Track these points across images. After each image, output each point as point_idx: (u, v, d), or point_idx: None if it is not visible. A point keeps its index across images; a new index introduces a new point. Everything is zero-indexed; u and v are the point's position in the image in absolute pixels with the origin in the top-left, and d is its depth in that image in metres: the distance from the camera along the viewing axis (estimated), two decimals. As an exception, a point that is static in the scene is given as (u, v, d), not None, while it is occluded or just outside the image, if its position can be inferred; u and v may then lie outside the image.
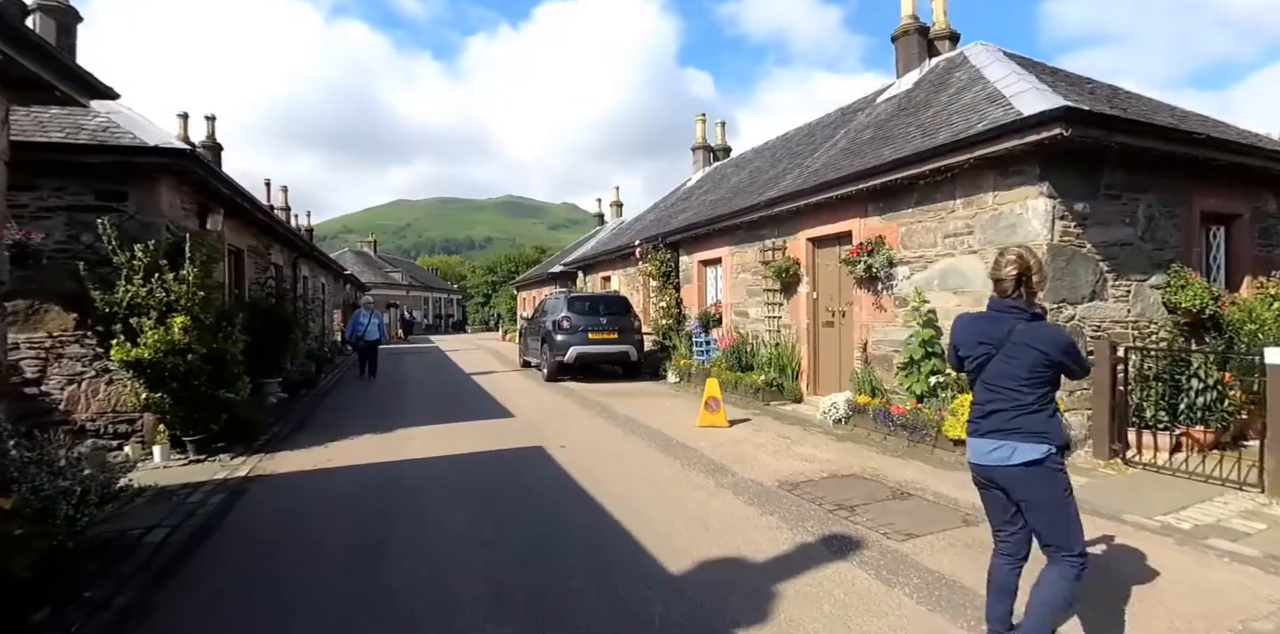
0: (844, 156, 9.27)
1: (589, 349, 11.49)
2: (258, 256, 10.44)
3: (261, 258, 10.78)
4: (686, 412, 8.69)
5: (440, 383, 12.10)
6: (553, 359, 11.57)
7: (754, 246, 10.72)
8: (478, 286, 60.78)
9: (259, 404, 7.76)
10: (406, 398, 10.19)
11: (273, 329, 9.83)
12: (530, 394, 10.49)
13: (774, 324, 10.20)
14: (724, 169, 16.02)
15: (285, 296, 11.03)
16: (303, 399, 10.22)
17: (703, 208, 13.21)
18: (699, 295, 12.63)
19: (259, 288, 10.12)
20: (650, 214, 17.75)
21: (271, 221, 10.40)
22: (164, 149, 6.00)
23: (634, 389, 11.01)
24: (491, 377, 13.18)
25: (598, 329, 11.61)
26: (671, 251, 13.25)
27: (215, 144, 16.92)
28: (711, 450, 6.40)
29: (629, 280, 15.94)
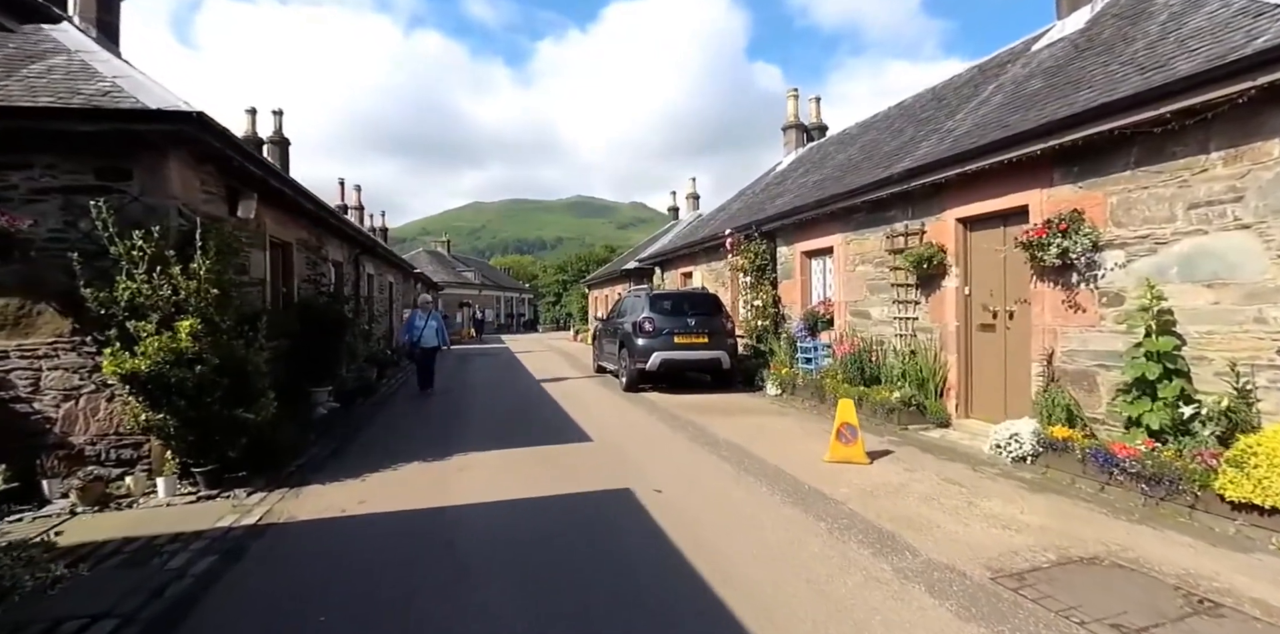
0: (1007, 112, 7.24)
1: (675, 355, 9.89)
2: (310, 252, 9.46)
3: (314, 253, 9.81)
4: (804, 437, 6.94)
5: (508, 392, 10.81)
6: (632, 366, 10.05)
7: (877, 232, 8.80)
8: (549, 286, 60.65)
9: (294, 422, 6.61)
10: (469, 411, 8.91)
11: (325, 331, 8.79)
12: (608, 408, 8.99)
13: (906, 327, 8.25)
14: (824, 147, 14.03)
15: (342, 295, 10.04)
16: (356, 410, 9.15)
17: (804, 190, 11.34)
18: (802, 292, 10.77)
19: (310, 286, 9.13)
20: (736, 202, 15.96)
21: (324, 213, 9.38)
22: (167, 113, 4.83)
23: (729, 403, 9.32)
24: (564, 384, 11.81)
25: (685, 332, 9.99)
26: (768, 242, 11.45)
27: (283, 139, 16.48)
28: (862, 504, 4.64)
29: (714, 276, 14.23)
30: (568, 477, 5.38)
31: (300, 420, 7.18)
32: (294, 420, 6.66)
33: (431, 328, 10.57)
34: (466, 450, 6.40)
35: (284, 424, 6.12)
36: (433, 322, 10.61)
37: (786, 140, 16.26)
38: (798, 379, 9.62)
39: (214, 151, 5.54)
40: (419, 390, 10.75)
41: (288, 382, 8.50)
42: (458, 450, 6.41)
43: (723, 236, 12.30)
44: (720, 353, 10.08)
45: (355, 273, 13.06)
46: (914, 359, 7.94)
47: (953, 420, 7.47)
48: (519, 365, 15.83)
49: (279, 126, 16.39)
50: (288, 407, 7.30)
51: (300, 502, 4.82)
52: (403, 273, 21.09)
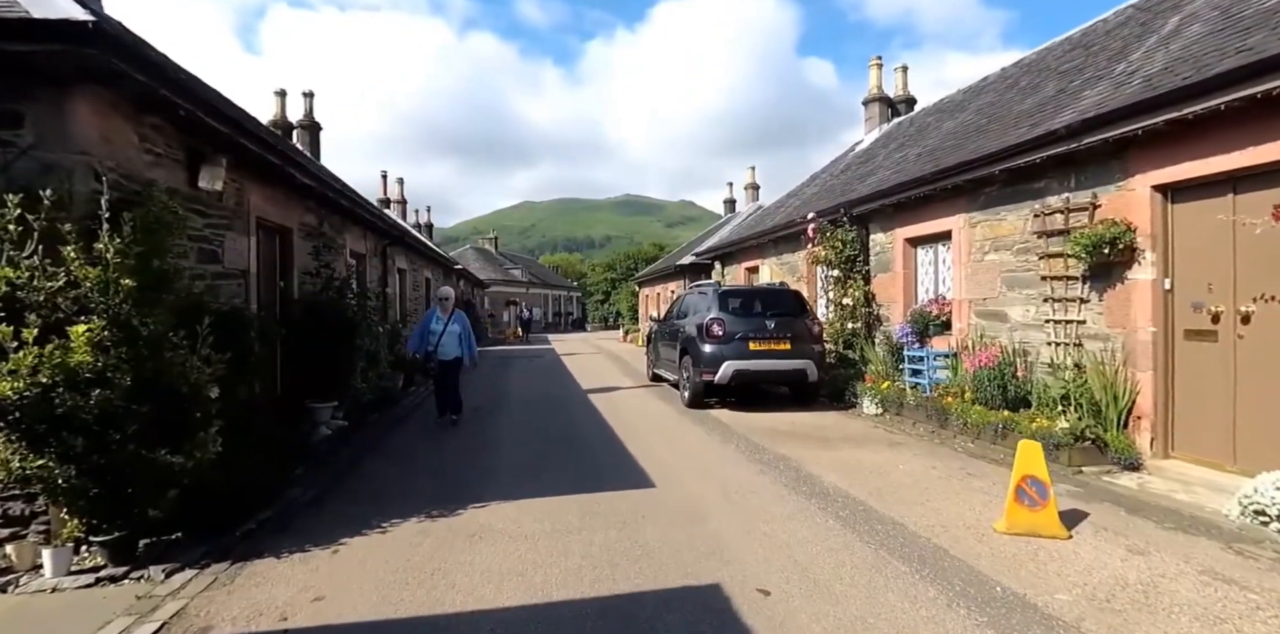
0: (1227, 38, 5.17)
1: (750, 365, 8.06)
2: (318, 240, 8.06)
3: (324, 242, 8.42)
4: (943, 484, 5.05)
5: (548, 408, 9.14)
6: (697, 378, 8.27)
7: (1018, 210, 6.78)
8: (597, 284, 59.45)
9: (274, 452, 5.12)
10: (498, 436, 7.32)
11: (330, 335, 7.36)
12: (670, 432, 7.24)
13: (1066, 332, 6.22)
14: (920, 119, 11.91)
15: (353, 291, 8.55)
16: (368, 428, 7.69)
17: (905, 165, 9.33)
18: (905, 288, 8.78)
19: (317, 280, 7.73)
20: (810, 187, 13.97)
21: (334, 193, 7.97)
22: (53, 24, 3.35)
23: (821, 427, 7.44)
24: (614, 397, 10.14)
25: (762, 336, 8.15)
26: (858, 228, 9.49)
27: (313, 123, 15.41)
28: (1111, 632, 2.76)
29: (787, 271, 12.31)
30: (625, 556, 3.67)
31: (288, 448, 5.72)
32: (274, 451, 5.18)
33: (453, 334, 7.65)
34: (487, 499, 4.77)
35: (253, 460, 4.63)
36: (455, 325, 7.68)
37: (868, 115, 14.16)
38: (905, 396, 7.66)
39: (149, 94, 4.07)
40: (440, 419, 7.95)
41: (283, 397, 7.13)
42: (475, 498, 4.79)
43: (801, 223, 10.39)
44: (805, 362, 8.20)
45: (383, 267, 11.73)
46: (1080, 376, 5.92)
47: (1145, 461, 5.43)
48: (564, 371, 14.27)
49: (309, 109, 15.33)
50: (279, 429, 5.89)
51: (232, 594, 3.26)
52: (442, 269, 19.89)
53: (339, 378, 7.68)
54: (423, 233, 29.92)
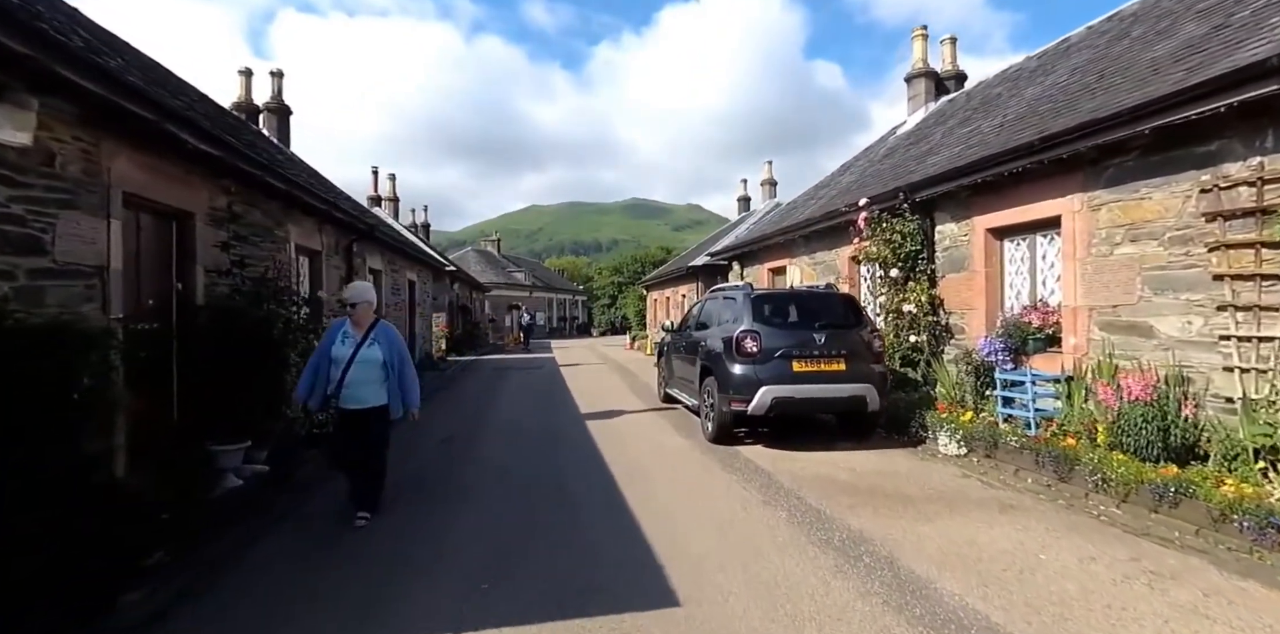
0: None
1: (795, 391, 6.20)
2: (230, 227, 6.30)
3: (254, 232, 6.65)
4: (1121, 588, 3.20)
5: (535, 442, 7.10)
6: (724, 407, 6.42)
7: (1172, 184, 4.93)
8: (603, 288, 57.75)
9: (81, 548, 3.32)
10: (464, 486, 5.49)
11: (247, 353, 5.60)
12: (693, 488, 5.33)
13: (1262, 354, 4.36)
14: (984, 91, 10.06)
15: (275, 293, 6.55)
16: (298, 473, 5.89)
17: (981, 139, 7.49)
18: (987, 292, 6.93)
19: (229, 278, 5.92)
20: (845, 176, 12.13)
21: (261, 170, 6.21)
22: None
23: (891, 476, 5.58)
24: (619, 425, 8.28)
25: (809, 354, 6.29)
26: (921, 218, 7.65)
27: (282, 105, 13.71)
28: None
29: (822, 271, 10.46)
30: None
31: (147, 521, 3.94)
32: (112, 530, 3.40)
33: (369, 365, 4.42)
34: (416, 630, 2.95)
35: (61, 552, 2.85)
36: (374, 349, 4.44)
37: (912, 93, 12.31)
38: (1000, 434, 5.79)
39: None
40: (351, 506, 4.59)
41: (179, 438, 5.36)
42: (401, 627, 2.98)
43: (847, 212, 8.55)
44: (865, 387, 6.33)
45: (347, 267, 9.98)
46: (1296, 420, 4.05)
47: None
48: (562, 387, 12.42)
49: (278, 91, 13.64)
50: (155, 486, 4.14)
51: None
52: (431, 271, 18.13)
53: (259, 408, 5.90)
54: (419, 233, 28.27)
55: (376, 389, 4.47)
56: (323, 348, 4.54)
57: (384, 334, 4.54)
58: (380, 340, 4.49)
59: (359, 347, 4.43)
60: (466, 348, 23.73)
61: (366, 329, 4.51)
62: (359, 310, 4.54)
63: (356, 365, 4.39)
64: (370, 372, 4.44)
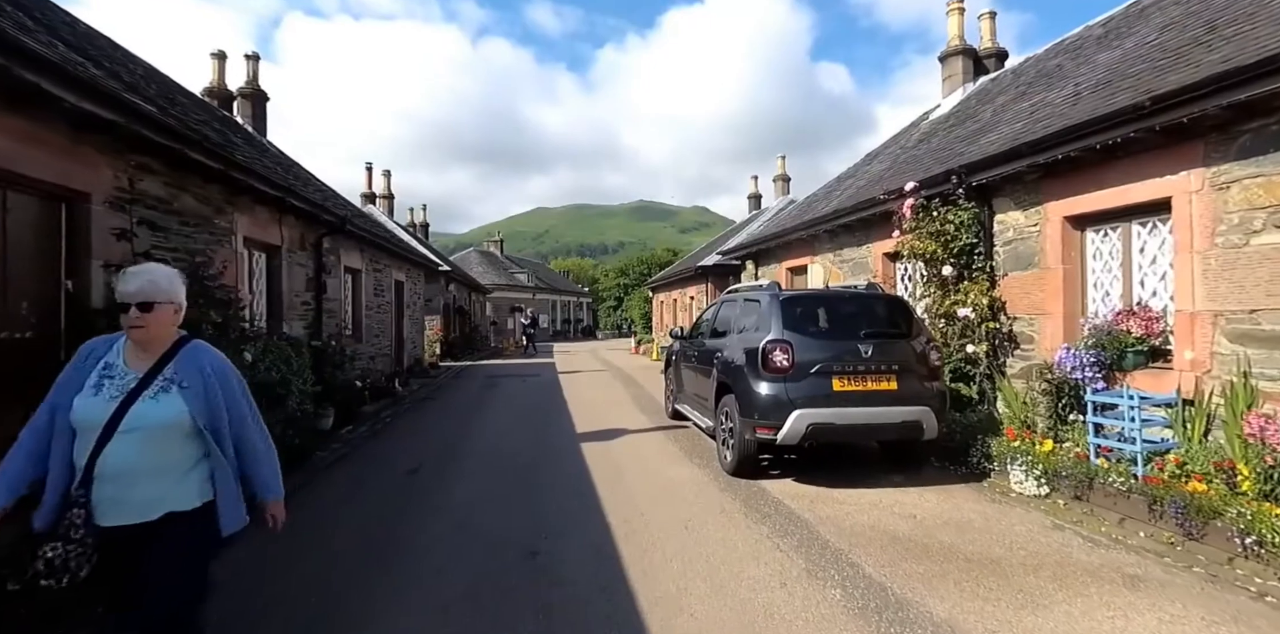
0: None
1: (837, 415, 5.00)
2: (164, 215, 5.17)
3: (184, 220, 5.52)
4: None
5: (517, 478, 5.73)
6: (747, 433, 5.22)
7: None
8: (609, 290, 56.82)
9: None
10: (412, 545, 4.35)
11: None
12: (712, 547, 4.08)
13: None
14: (1039, 64, 8.86)
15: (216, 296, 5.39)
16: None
17: (1052, 110, 6.30)
18: (1065, 293, 5.73)
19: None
20: (875, 165, 10.95)
21: (181, 142, 5.10)
22: None
23: (963, 527, 4.38)
24: (619, 448, 7.11)
25: (854, 369, 5.10)
26: (978, 205, 6.47)
27: (257, 90, 12.64)
28: None
29: (851, 270, 9.28)
30: None
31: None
32: None
33: (161, 431, 2.04)
34: None
35: None
36: (167, 400, 2.06)
37: (948, 72, 11.12)
38: (1097, 472, 4.60)
39: None
40: None
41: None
42: None
43: (887, 200, 7.37)
44: (921, 411, 5.14)
45: (316, 265, 8.86)
46: None
47: None
48: (558, 400, 11.25)
49: (253, 75, 12.58)
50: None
51: None
52: (423, 270, 17.03)
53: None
54: (417, 233, 27.26)
55: (176, 481, 2.07)
56: (55, 396, 2.08)
57: (193, 365, 2.14)
58: (186, 381, 2.10)
59: (133, 395, 2.03)
60: (463, 353, 22.65)
61: (159, 358, 2.11)
62: (148, 318, 2.08)
63: (124, 437, 1.99)
64: (158, 446, 2.04)
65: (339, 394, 8.54)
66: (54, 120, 4.17)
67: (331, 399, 8.29)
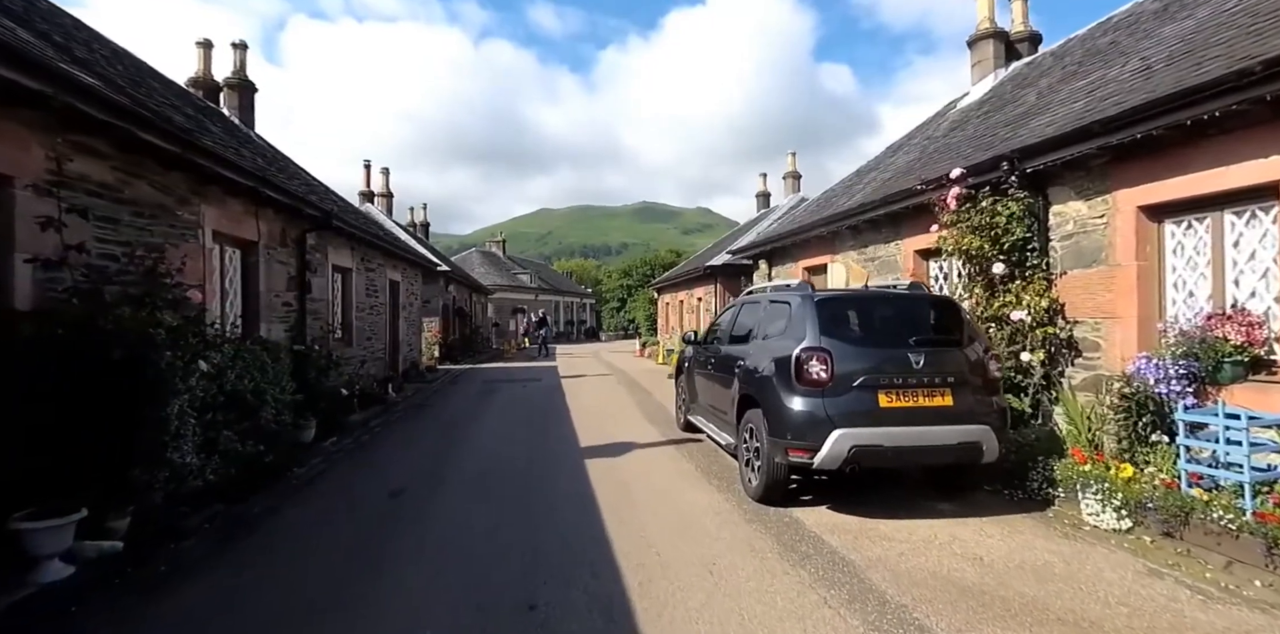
0: None
1: (885, 436, 4.29)
2: (109, 204, 4.51)
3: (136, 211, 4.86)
4: None
5: (513, 503, 4.94)
6: (778, 456, 4.51)
7: None
8: (612, 291, 56.16)
9: None
10: (393, 596, 3.67)
11: (95, 380, 3.86)
12: (743, 602, 3.37)
13: None
14: (1087, 43, 8.15)
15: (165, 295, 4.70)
16: (166, 550, 4.07)
17: (1108, 90, 5.60)
18: (1139, 294, 5.02)
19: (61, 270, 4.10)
20: (900, 156, 10.25)
21: (129, 120, 4.44)
22: None
23: (1044, 575, 3.68)
24: (628, 467, 6.41)
25: (903, 383, 4.39)
26: (1032, 194, 5.76)
27: (244, 81, 12.01)
28: None
29: (878, 269, 8.58)
30: None
31: None
32: None
33: None
34: None
35: None
36: None
37: (977, 58, 10.41)
38: (1193, 505, 3.89)
39: None
40: None
41: None
42: None
43: (924, 190, 6.67)
44: (981, 431, 4.43)
45: (299, 263, 8.19)
46: None
47: None
48: (560, 407, 10.54)
49: (240, 65, 11.95)
50: None
51: None
52: (420, 270, 16.36)
53: (118, 454, 4.11)
54: (417, 233, 26.63)
55: None
56: None
57: None
58: None
59: None
60: (463, 355, 21.99)
61: None
62: None
63: None
64: None
65: (323, 402, 7.87)
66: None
67: (314, 408, 7.62)
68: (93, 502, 3.83)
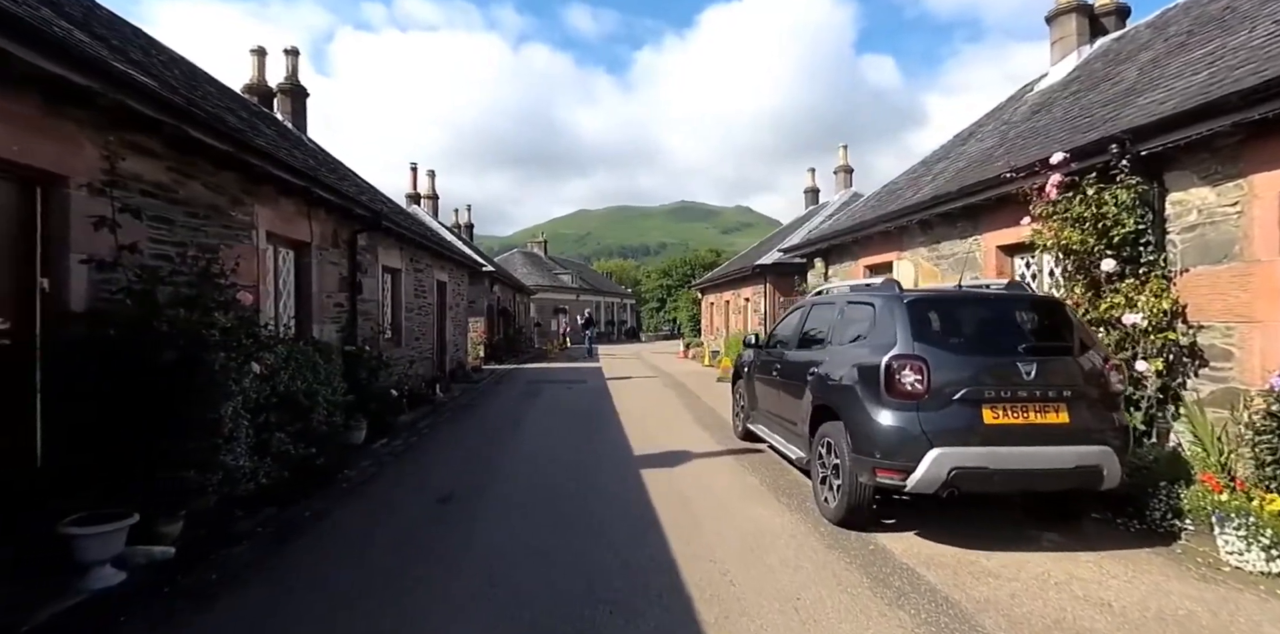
0: None
1: (991, 457, 3.79)
2: (163, 204, 4.40)
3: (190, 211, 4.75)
4: None
5: (565, 515, 4.65)
6: (864, 477, 4.06)
7: None
8: (651, 291, 55.89)
9: None
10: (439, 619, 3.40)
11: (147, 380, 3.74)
12: None
13: None
14: (1194, 9, 7.38)
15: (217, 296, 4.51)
16: (218, 555, 3.90)
17: (1239, 58, 4.94)
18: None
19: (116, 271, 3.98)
20: (974, 144, 9.59)
21: (181, 118, 4.30)
22: None
23: (1196, 631, 3.16)
24: (685, 479, 6.03)
25: (1013, 394, 3.89)
26: (1146, 182, 5.14)
27: (296, 85, 12.10)
28: None
29: (951, 267, 7.99)
30: None
31: None
32: None
33: None
34: None
35: None
36: None
37: (1058, 35, 9.65)
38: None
39: None
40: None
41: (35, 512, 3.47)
42: None
43: (1014, 178, 6.08)
44: (1101, 453, 3.88)
45: (350, 263, 8.10)
46: None
47: None
48: (608, 414, 10.17)
49: (292, 70, 12.05)
50: None
51: None
52: (466, 270, 16.33)
53: (172, 456, 3.96)
54: (461, 234, 26.83)
55: None
56: None
57: None
58: None
59: None
60: (507, 355, 21.99)
61: None
62: None
63: None
64: None
65: (373, 403, 7.76)
66: (20, 88, 3.40)
67: (365, 409, 7.51)
68: (138, 503, 3.69)
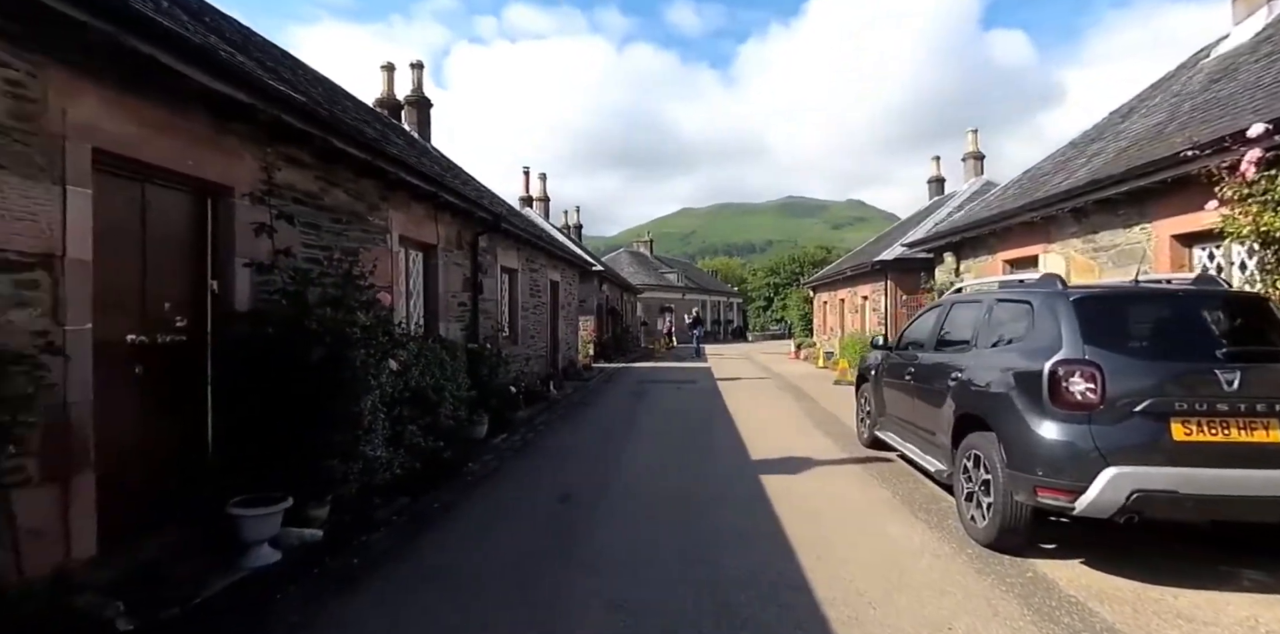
0: None
1: (1181, 480, 3.26)
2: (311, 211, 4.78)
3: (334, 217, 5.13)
4: None
5: (686, 527, 4.39)
6: (1023, 495, 3.60)
7: None
8: (758, 289, 54.78)
9: None
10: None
11: (298, 376, 4.06)
12: None
13: None
14: None
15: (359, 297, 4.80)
16: (361, 540, 4.16)
17: None
18: None
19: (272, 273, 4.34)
20: (1136, 120, 8.45)
21: (327, 131, 4.64)
22: None
23: None
24: (809, 489, 5.70)
25: (1210, 406, 3.32)
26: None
27: (421, 97, 12.89)
28: None
29: (1112, 260, 7.06)
30: None
31: None
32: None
33: None
34: None
35: None
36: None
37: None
38: None
39: None
40: None
41: (207, 495, 3.88)
42: None
43: (1196, 157, 5.23)
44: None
45: (471, 264, 8.48)
46: None
47: None
48: (721, 416, 9.92)
49: (418, 83, 12.86)
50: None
51: None
52: (576, 270, 16.72)
53: (321, 447, 4.28)
54: (571, 235, 27.61)
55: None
56: None
57: None
58: None
59: None
60: (615, 353, 22.34)
61: None
62: None
63: None
64: None
65: (493, 399, 8.08)
66: (190, 106, 3.78)
67: (486, 405, 7.83)
68: (290, 489, 4.00)
